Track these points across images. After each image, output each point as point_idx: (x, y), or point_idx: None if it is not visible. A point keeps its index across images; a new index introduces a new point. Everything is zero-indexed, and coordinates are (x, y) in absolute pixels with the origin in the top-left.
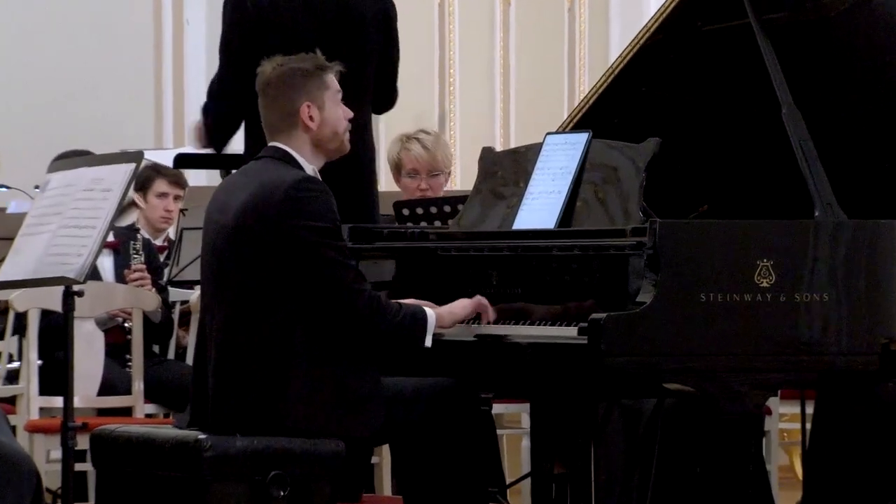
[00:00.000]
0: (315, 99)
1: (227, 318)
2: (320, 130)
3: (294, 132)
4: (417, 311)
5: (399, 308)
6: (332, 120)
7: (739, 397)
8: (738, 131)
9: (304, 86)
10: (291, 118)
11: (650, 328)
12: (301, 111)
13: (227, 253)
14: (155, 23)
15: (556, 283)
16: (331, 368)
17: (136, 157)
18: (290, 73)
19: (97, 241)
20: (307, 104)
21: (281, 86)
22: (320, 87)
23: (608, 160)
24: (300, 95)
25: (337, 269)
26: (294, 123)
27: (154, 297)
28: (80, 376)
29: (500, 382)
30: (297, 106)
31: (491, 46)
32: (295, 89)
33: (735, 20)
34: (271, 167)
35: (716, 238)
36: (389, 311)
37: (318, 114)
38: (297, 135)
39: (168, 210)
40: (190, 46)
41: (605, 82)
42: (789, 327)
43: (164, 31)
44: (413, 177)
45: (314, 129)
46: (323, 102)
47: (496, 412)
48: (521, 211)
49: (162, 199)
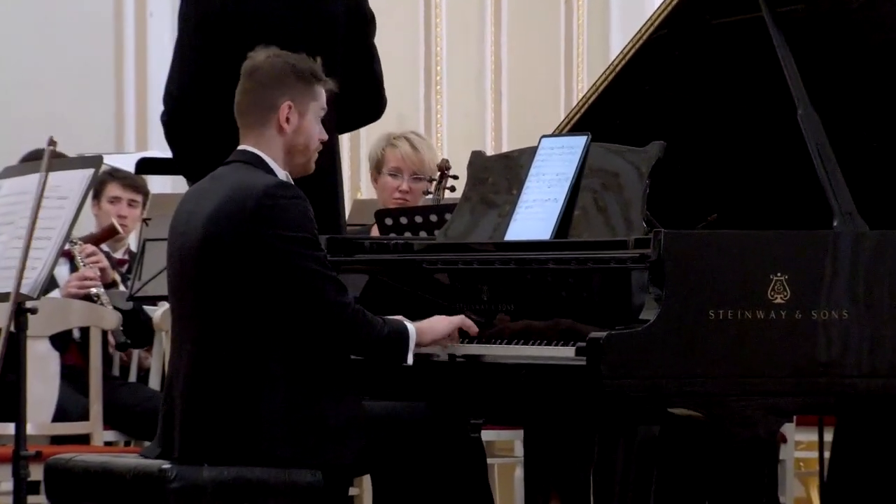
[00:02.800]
0: (299, 103)
1: (196, 338)
2: (294, 136)
3: (266, 131)
4: (400, 325)
5: (383, 322)
6: (308, 131)
7: (751, 423)
8: (749, 134)
9: (293, 85)
10: (268, 112)
11: (654, 348)
12: (281, 109)
13: (196, 267)
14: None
15: (552, 299)
16: (308, 392)
17: (94, 161)
18: (282, 67)
19: (52, 254)
20: (289, 104)
21: (269, 76)
22: (308, 95)
23: (608, 165)
24: (285, 93)
25: (317, 280)
26: (268, 120)
27: (114, 314)
28: (33, 401)
29: (491, 407)
30: (278, 102)
31: (481, 41)
32: (282, 84)
33: (747, 13)
34: (242, 172)
35: (725, 250)
36: (375, 324)
37: (297, 119)
38: (269, 135)
39: (122, 216)
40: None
41: (605, 81)
42: (806, 347)
43: (126, 23)
44: (395, 176)
45: (288, 132)
46: (306, 110)
47: (487, 439)
48: (513, 220)
49: (114, 205)
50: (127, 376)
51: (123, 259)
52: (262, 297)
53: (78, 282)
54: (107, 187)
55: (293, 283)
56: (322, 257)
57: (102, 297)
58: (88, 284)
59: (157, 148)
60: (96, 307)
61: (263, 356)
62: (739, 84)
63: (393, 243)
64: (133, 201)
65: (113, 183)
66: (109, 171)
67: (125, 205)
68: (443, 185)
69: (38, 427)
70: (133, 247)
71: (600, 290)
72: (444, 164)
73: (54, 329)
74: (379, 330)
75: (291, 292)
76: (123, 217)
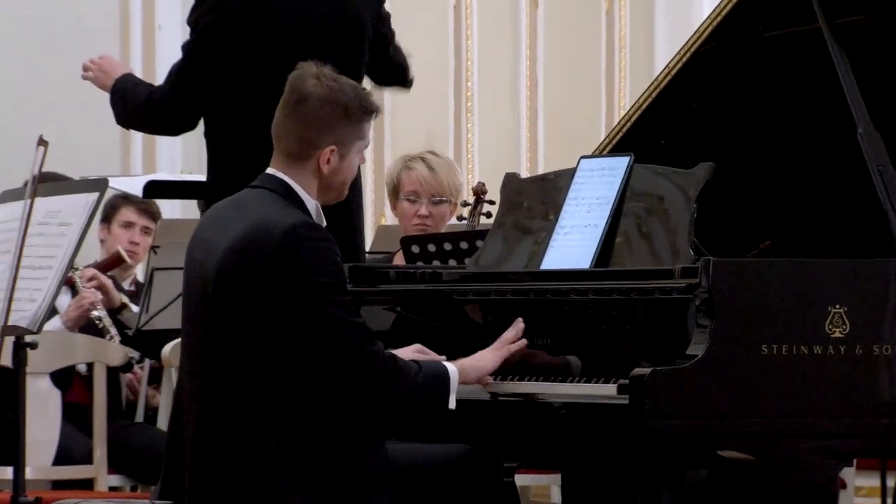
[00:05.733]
0: (343, 146)
1: (208, 380)
2: (331, 177)
3: (302, 165)
4: (438, 368)
5: (418, 367)
6: (347, 170)
7: (808, 467)
8: (804, 155)
9: (341, 128)
10: (308, 151)
11: (703, 385)
12: (323, 152)
13: (211, 302)
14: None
15: (592, 333)
16: (330, 442)
17: (99, 185)
18: (332, 105)
19: (54, 284)
20: (332, 148)
21: (316, 113)
22: (355, 135)
23: (653, 188)
24: (330, 136)
25: (342, 328)
26: (307, 156)
27: (119, 348)
28: (33, 442)
29: (526, 449)
30: (321, 145)
31: (515, 54)
32: (329, 127)
33: (802, 25)
34: (267, 202)
35: (779, 280)
36: (409, 372)
37: (338, 162)
38: (304, 169)
39: (133, 243)
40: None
41: (649, 97)
42: (867, 385)
43: (133, 36)
44: (412, 201)
45: (326, 174)
46: (348, 152)
47: (521, 484)
48: (550, 248)
49: (127, 230)
50: (133, 416)
51: (130, 290)
52: (281, 343)
53: (77, 305)
54: (120, 211)
55: (314, 331)
56: (347, 303)
57: (105, 321)
58: (88, 306)
59: (166, 170)
60: (101, 342)
61: (280, 404)
62: (794, 101)
63: (420, 272)
64: (147, 228)
65: (127, 207)
66: (121, 195)
67: (138, 231)
68: (478, 210)
69: (37, 471)
70: (140, 277)
71: (644, 324)
72: (480, 188)
73: (56, 365)
74: (414, 377)
75: (312, 340)
76: (135, 244)
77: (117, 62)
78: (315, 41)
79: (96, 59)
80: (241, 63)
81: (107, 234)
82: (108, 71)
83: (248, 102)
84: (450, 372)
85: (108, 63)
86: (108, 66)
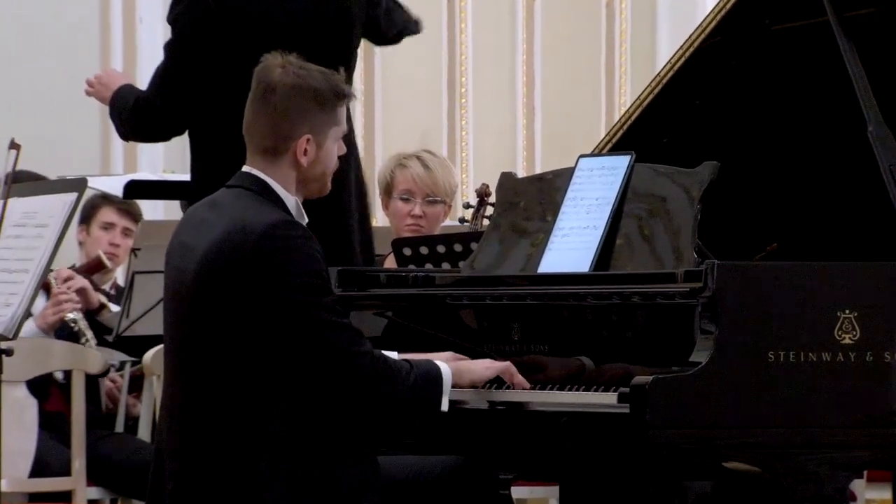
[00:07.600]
0: (318, 133)
1: (190, 388)
2: (310, 168)
3: (278, 160)
4: (430, 367)
5: (409, 367)
6: (326, 159)
7: (816, 479)
8: (813, 153)
9: (313, 115)
10: (282, 143)
11: (706, 394)
12: (298, 143)
13: (191, 308)
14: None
15: (591, 339)
16: (317, 453)
17: (77, 185)
18: (302, 92)
19: (31, 288)
20: (307, 137)
21: (286, 102)
22: (329, 122)
23: (655, 189)
24: (303, 124)
25: (329, 330)
26: (283, 150)
27: (98, 355)
28: (8, 453)
29: (523, 460)
30: (295, 135)
31: (512, 50)
32: (301, 115)
33: (811, 18)
34: (246, 202)
35: (787, 284)
36: (399, 372)
37: (315, 151)
38: (281, 164)
39: (114, 244)
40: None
41: (651, 93)
42: (878, 393)
43: (113, 30)
44: (406, 200)
45: (304, 165)
46: (325, 139)
47: (518, 496)
48: (548, 251)
49: (107, 232)
50: (113, 426)
51: (110, 294)
52: (265, 349)
53: (55, 309)
54: (100, 211)
55: (297, 333)
56: (332, 304)
57: (80, 323)
58: (64, 308)
59: (148, 169)
60: (79, 349)
61: (267, 413)
62: (802, 97)
63: (412, 276)
64: (128, 230)
65: (107, 207)
66: (101, 195)
67: (118, 233)
68: (482, 212)
69: (13, 483)
70: (121, 280)
71: (645, 329)
72: (484, 190)
73: (33, 373)
74: (405, 377)
75: (296, 343)
76: (115, 246)
77: (117, 74)
78: (299, 32)
79: (99, 74)
80: (224, 58)
81: (86, 235)
82: (107, 84)
83: (232, 99)
84: (443, 372)
85: (107, 76)
86: (107, 79)
